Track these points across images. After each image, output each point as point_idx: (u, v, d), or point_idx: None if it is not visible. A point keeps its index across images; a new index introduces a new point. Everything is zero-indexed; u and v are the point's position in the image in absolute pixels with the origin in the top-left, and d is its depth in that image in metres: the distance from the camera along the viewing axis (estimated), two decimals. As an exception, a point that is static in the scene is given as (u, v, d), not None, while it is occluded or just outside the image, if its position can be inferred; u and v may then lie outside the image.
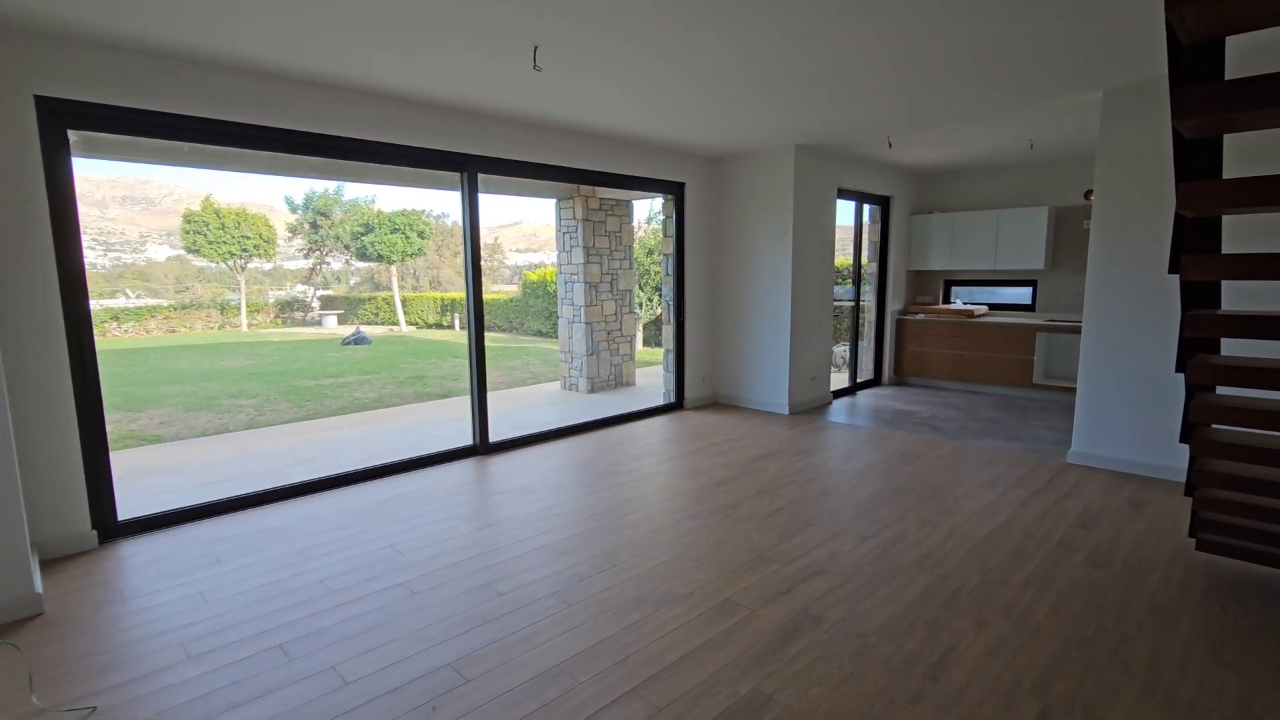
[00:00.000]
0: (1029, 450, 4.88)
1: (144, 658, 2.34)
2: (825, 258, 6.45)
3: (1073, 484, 4.10)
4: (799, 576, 2.89)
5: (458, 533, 3.43)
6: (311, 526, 3.53)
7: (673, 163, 6.07)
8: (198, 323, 20.85)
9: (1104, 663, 2.23)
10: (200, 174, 44.97)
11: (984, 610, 2.59)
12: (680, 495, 3.99)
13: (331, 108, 3.88)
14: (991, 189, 7.37)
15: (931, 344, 7.45)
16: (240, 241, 21.53)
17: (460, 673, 2.22)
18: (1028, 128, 5.22)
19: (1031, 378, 6.72)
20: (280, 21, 2.90)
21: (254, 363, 13.03)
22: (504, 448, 5.05)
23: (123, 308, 20.32)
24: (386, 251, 22.30)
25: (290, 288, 26.63)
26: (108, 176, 34.20)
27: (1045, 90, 4.06)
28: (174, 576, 2.97)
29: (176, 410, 8.27)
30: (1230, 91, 1.49)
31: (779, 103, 4.37)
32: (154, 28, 2.94)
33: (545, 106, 4.39)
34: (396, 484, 4.24)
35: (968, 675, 2.17)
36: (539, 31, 3.05)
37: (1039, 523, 3.49)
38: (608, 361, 7.90)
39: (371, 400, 8.89)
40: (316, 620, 2.57)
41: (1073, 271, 6.81)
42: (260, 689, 2.15)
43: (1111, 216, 4.21)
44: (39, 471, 3.11)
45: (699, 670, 2.21)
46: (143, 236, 31.37)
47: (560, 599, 2.72)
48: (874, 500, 3.85)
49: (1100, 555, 3.09)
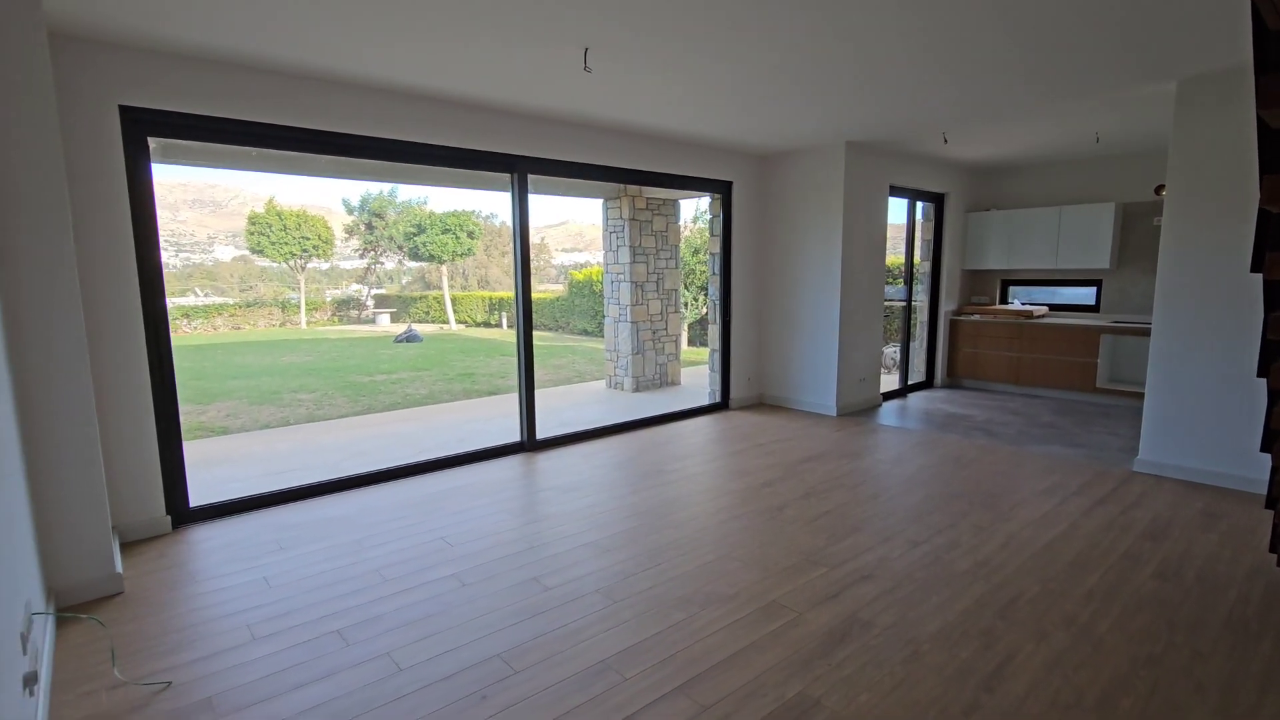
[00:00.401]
0: (1091, 457, 4.68)
1: (213, 637, 2.47)
2: (876, 257, 6.32)
3: (1139, 493, 3.92)
4: (847, 581, 2.85)
5: (506, 527, 3.50)
6: (368, 517, 3.66)
7: (720, 161, 6.04)
8: (260, 320, 21.79)
9: (1174, 681, 2.13)
10: (263, 177, 47.01)
11: (1043, 621, 2.50)
12: (725, 496, 3.97)
13: (389, 112, 4.00)
14: (1053, 185, 7.08)
15: (987, 345, 7.21)
16: (300, 242, 22.41)
17: (509, 664, 2.26)
18: (1094, 120, 5.00)
19: (1095, 381, 6.43)
20: (345, 33, 3.01)
21: (313, 359, 13.55)
22: (550, 445, 5.12)
23: (192, 305, 21.41)
24: (438, 251, 22.87)
25: (346, 287, 27.56)
26: (179, 181, 36.04)
27: (1114, 81, 3.88)
28: (241, 561, 3.12)
29: (242, 403, 8.67)
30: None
31: (829, 99, 4.30)
32: (228, 39, 3.10)
33: (594, 107, 4.43)
34: (447, 478, 4.34)
35: (1026, 688, 2.10)
36: (589, 33, 3.08)
37: (1103, 533, 3.34)
38: (653, 360, 7.92)
39: (422, 396, 9.13)
40: (373, 607, 2.66)
41: (1141, 271, 6.49)
42: (320, 671, 2.24)
43: (1185, 212, 4.00)
44: (119, 459, 3.31)
45: (745, 671, 2.20)
46: (210, 238, 32.98)
47: (605, 595, 2.74)
48: (925, 505, 3.75)
49: (1170, 569, 2.94)
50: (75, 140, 3.06)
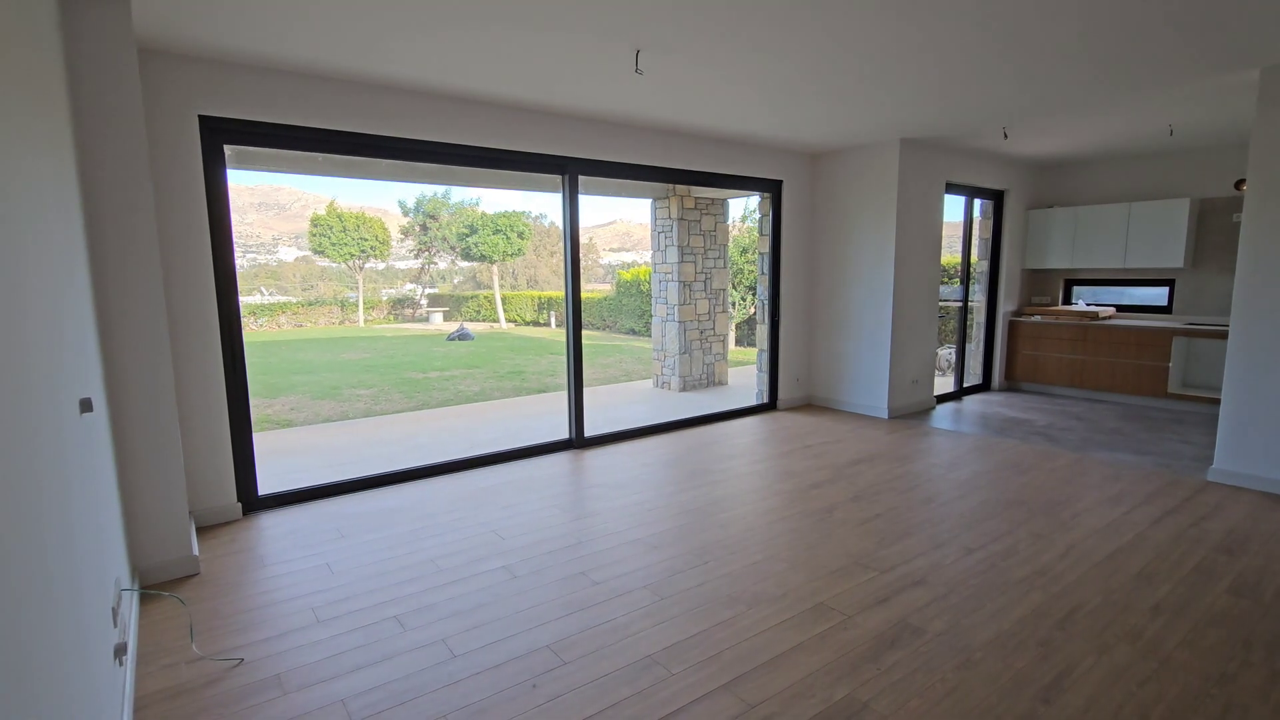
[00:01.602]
0: (1161, 465, 4.46)
1: (281, 619, 2.60)
2: (931, 256, 6.16)
3: (1214, 504, 3.72)
4: (898, 585, 2.80)
5: (555, 522, 3.57)
6: (423, 508, 3.79)
7: (771, 160, 6.00)
8: (321, 318, 22.67)
9: (1249, 702, 2.03)
10: (325, 181, 48.84)
11: (1105, 634, 2.41)
12: (773, 496, 3.95)
13: (444, 116, 4.13)
14: (1122, 180, 6.76)
15: (1048, 348, 6.94)
16: (359, 243, 23.22)
17: (558, 655, 2.32)
18: (1168, 111, 4.75)
19: (1166, 386, 6.12)
20: (407, 43, 3.13)
21: (370, 356, 14.03)
22: (598, 442, 5.18)
23: (258, 304, 22.43)
24: (489, 251, 23.34)
25: (401, 286, 28.40)
26: (246, 185, 37.80)
27: (1191, 70, 3.69)
28: (305, 547, 3.28)
29: (305, 398, 9.06)
30: None
31: (884, 95, 4.22)
32: (299, 50, 3.26)
33: (644, 108, 4.47)
34: (498, 473, 4.45)
35: (1085, 701, 2.03)
36: (640, 35, 3.12)
37: (1173, 545, 3.19)
38: (700, 360, 7.91)
39: (474, 393, 9.36)
40: (428, 596, 2.76)
41: (1219, 270, 6.14)
42: (379, 655, 2.34)
43: (1268, 208, 3.77)
44: (195, 449, 3.51)
45: (792, 672, 2.20)
46: (275, 239, 34.48)
47: (652, 591, 2.77)
48: (981, 511, 3.65)
49: (1247, 584, 2.79)
50: (159, 149, 3.27)
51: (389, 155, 4.05)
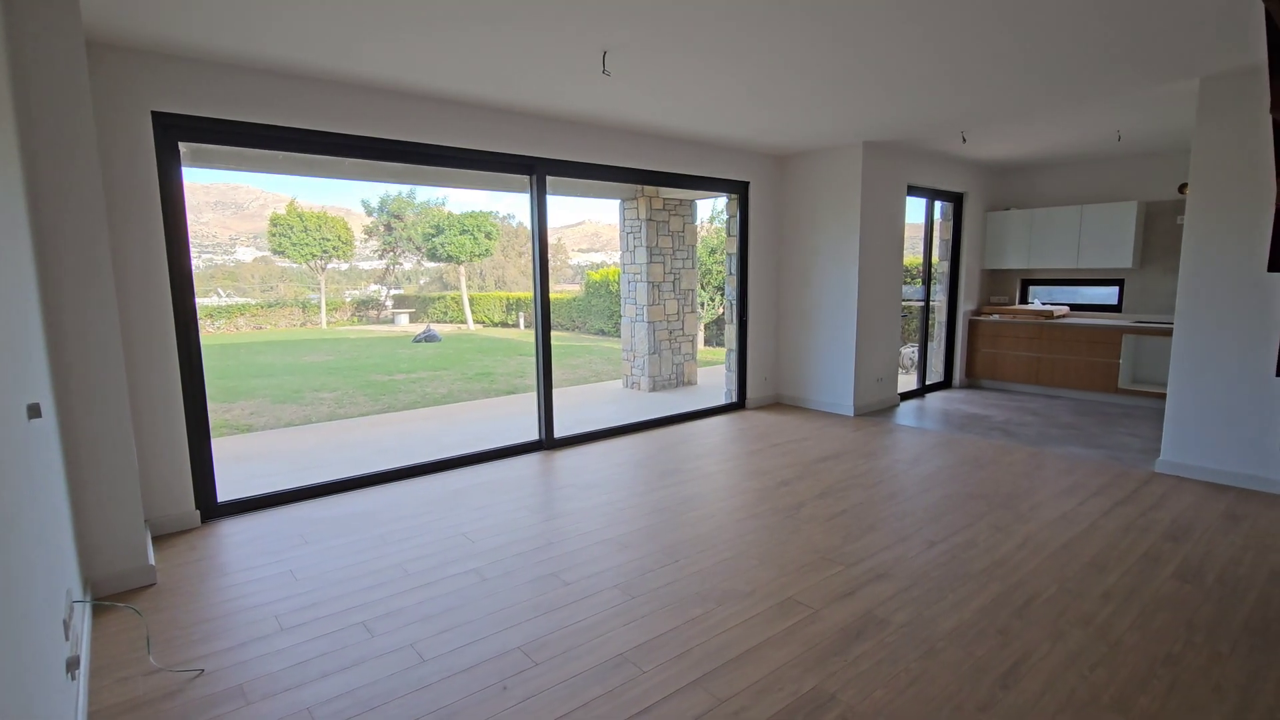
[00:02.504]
0: (1112, 458, 4.64)
1: (243, 627, 2.54)
2: (893, 256, 6.30)
3: (1161, 494, 3.88)
4: (863, 579, 2.86)
5: (525, 523, 3.55)
6: (390, 513, 3.73)
7: (738, 162, 6.06)
8: (281, 320, 22.13)
9: (1192, 681, 2.12)
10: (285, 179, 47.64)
11: (1060, 621, 2.50)
12: (742, 494, 3.99)
13: (412, 115, 4.08)
14: (1075, 183, 7.01)
15: (1007, 346, 7.15)
16: (321, 243, 22.74)
17: (529, 656, 2.31)
18: (1115, 118, 4.95)
19: (1116, 382, 6.36)
20: (368, 39, 3.08)
21: (333, 358, 13.75)
22: (568, 443, 5.17)
23: (215, 306, 21.79)
24: (455, 252, 23.08)
25: (365, 287, 27.89)
26: (202, 184, 36.70)
27: (1137, 78, 3.85)
28: (268, 554, 3.20)
29: (265, 402, 8.84)
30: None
31: (847, 100, 4.31)
32: (256, 46, 3.18)
33: (612, 109, 4.48)
34: (467, 475, 4.41)
35: (1042, 686, 2.10)
36: (608, 36, 3.13)
37: (1122, 534, 3.32)
38: (669, 360, 7.95)
39: (442, 395, 9.24)
40: (396, 600, 2.73)
41: (1164, 270, 6.41)
42: (346, 661, 2.30)
43: (1208, 212, 3.96)
44: (150, 454, 3.41)
45: (761, 666, 2.23)
46: (232, 239, 33.54)
47: (623, 591, 2.78)
48: (943, 505, 3.75)
49: (1191, 570, 2.92)
50: (111, 146, 3.16)
51: (353, 154, 3.99)
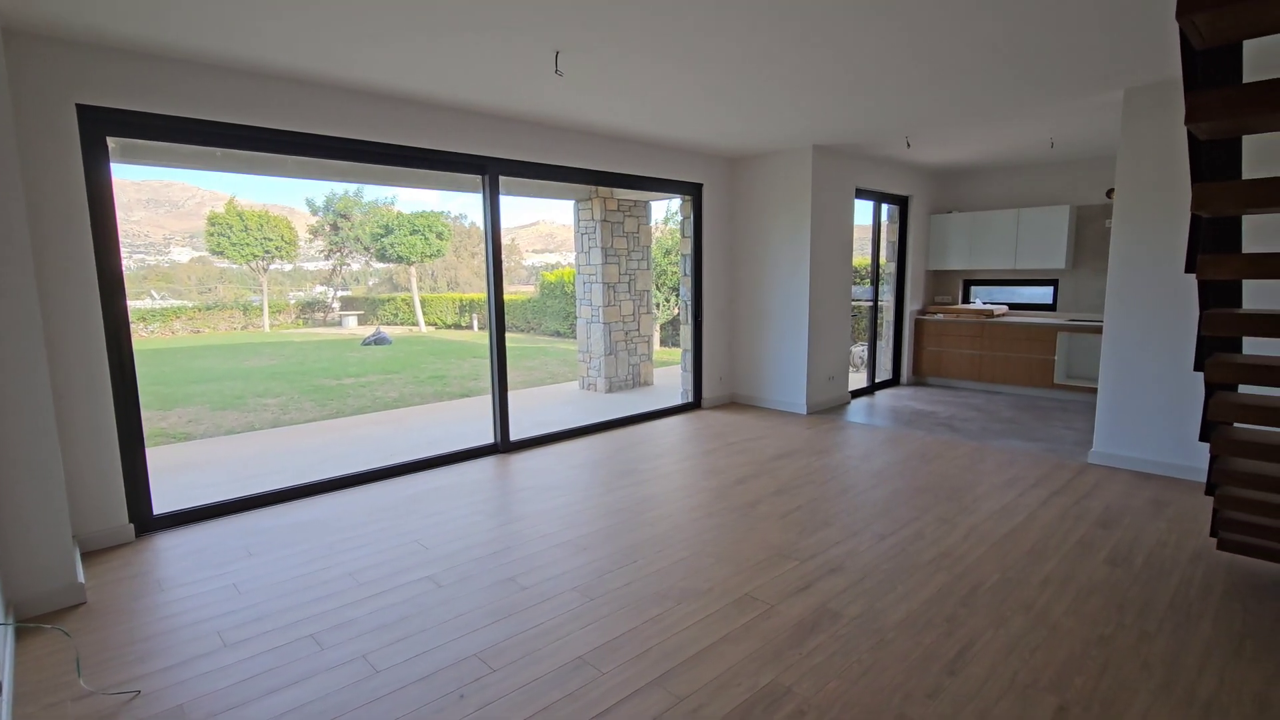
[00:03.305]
0: (1049, 450, 4.86)
1: (183, 645, 2.43)
2: (843, 258, 6.45)
3: (1093, 484, 4.09)
4: (817, 573, 2.92)
5: (481, 528, 3.50)
6: (340, 521, 3.63)
7: (691, 164, 6.11)
8: (221, 323, 21.23)
9: (1123, 660, 2.25)
10: (223, 177, 45.82)
11: (1002, 608, 2.61)
12: (699, 493, 4.03)
13: (358, 112, 3.97)
14: (1011, 188, 7.32)
15: (950, 344, 7.42)
16: (263, 243, 21.90)
17: (487, 663, 2.28)
18: (1048, 126, 5.19)
19: (1052, 378, 6.67)
20: (310, 32, 2.99)
21: (277, 362, 13.27)
22: (524, 446, 5.12)
23: (148, 309, 20.76)
24: (406, 253, 22.56)
25: (310, 289, 27.01)
26: (132, 180, 34.91)
27: (1066, 89, 4.05)
28: (209, 568, 3.07)
29: (204, 409, 8.47)
30: (1240, 96, 1.50)
31: (797, 104, 4.40)
32: (187, 36, 3.05)
33: (566, 110, 4.46)
34: (420, 481, 4.32)
35: (986, 671, 2.19)
36: (560, 36, 3.11)
37: (1059, 522, 3.49)
38: (625, 361, 7.96)
39: (393, 400, 9.03)
40: (347, 611, 2.65)
41: (1094, 271, 6.75)
42: (294, 676, 2.22)
43: (1133, 216, 4.19)
44: (79, 467, 3.22)
45: (719, 663, 2.26)
46: (166, 239, 32.00)
47: (582, 593, 2.77)
48: (892, 499, 3.86)
49: (1121, 555, 3.09)
50: (31, 140, 2.98)
51: (297, 152, 3.86)
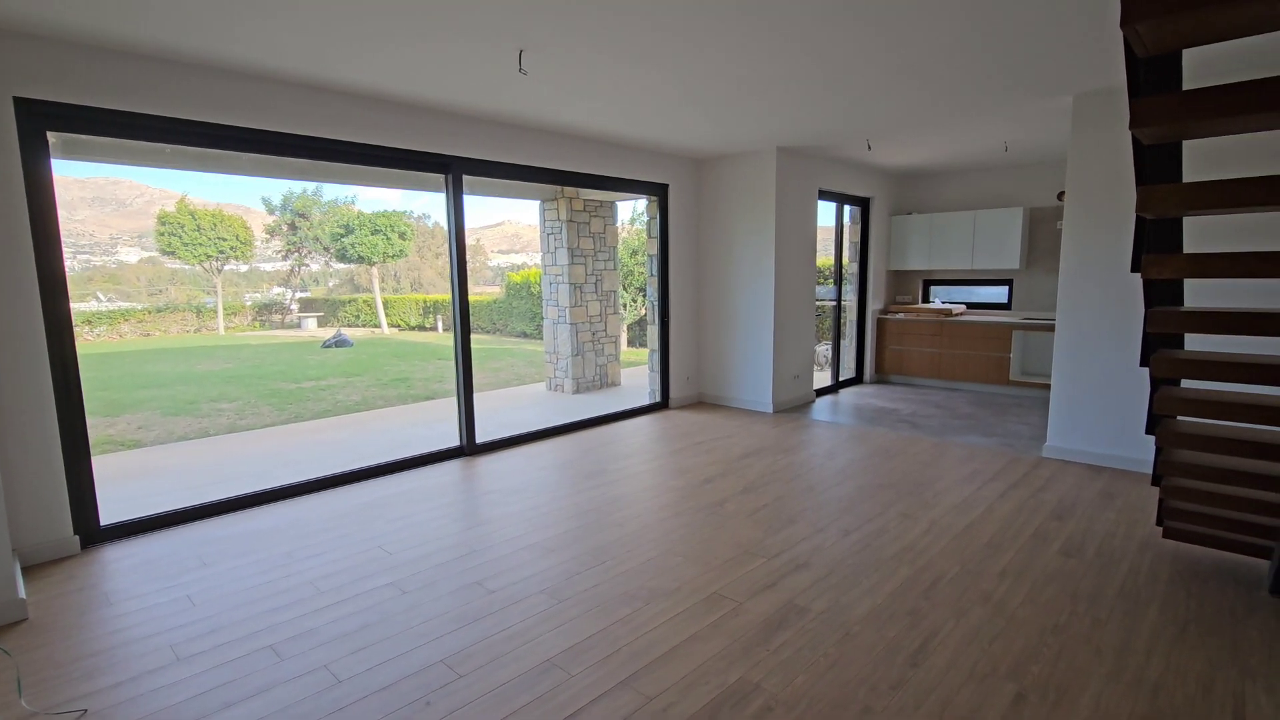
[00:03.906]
0: (1006, 445, 5.00)
1: (133, 660, 2.34)
2: (807, 258, 6.55)
3: (1048, 477, 4.22)
4: (784, 570, 2.96)
5: (446, 532, 3.45)
6: (299, 528, 3.53)
7: (657, 164, 6.13)
8: (173, 326, 20.50)
9: (1076, 647, 2.32)
10: (174, 175, 44.30)
11: (962, 600, 2.67)
12: (667, 493, 4.04)
13: (315, 109, 3.88)
14: (968, 190, 7.52)
15: (911, 342, 7.59)
16: (216, 243, 21.21)
17: (453, 668, 2.24)
18: (1002, 130, 5.35)
19: (1008, 375, 6.87)
20: (265, 25, 2.90)
21: (233, 366, 12.87)
22: (491, 448, 5.07)
23: (94, 311, 19.92)
24: (367, 253, 22.11)
25: (268, 290, 26.27)
26: (76, 178, 33.49)
27: (1017, 94, 4.18)
28: (160, 580, 2.96)
29: (155, 415, 8.16)
30: (1181, 102, 1.58)
31: (760, 106, 4.44)
32: (134, 29, 2.93)
33: (530, 109, 4.42)
34: (383, 485, 4.24)
35: (947, 661, 2.24)
36: (524, 35, 3.09)
37: (1015, 515, 3.59)
38: (593, 362, 7.94)
39: (355, 403, 8.84)
40: (307, 620, 2.58)
41: (1047, 271, 6.97)
42: (252, 689, 2.16)
43: (1082, 217, 4.34)
44: (18, 476, 3.07)
45: (687, 661, 2.26)
46: (114, 239, 30.77)
47: (550, 595, 2.75)
48: (856, 496, 3.93)
49: (1074, 545, 3.19)
50: (-37, 133, 2.83)
51: (252, 149, 3.75)
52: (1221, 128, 1.66)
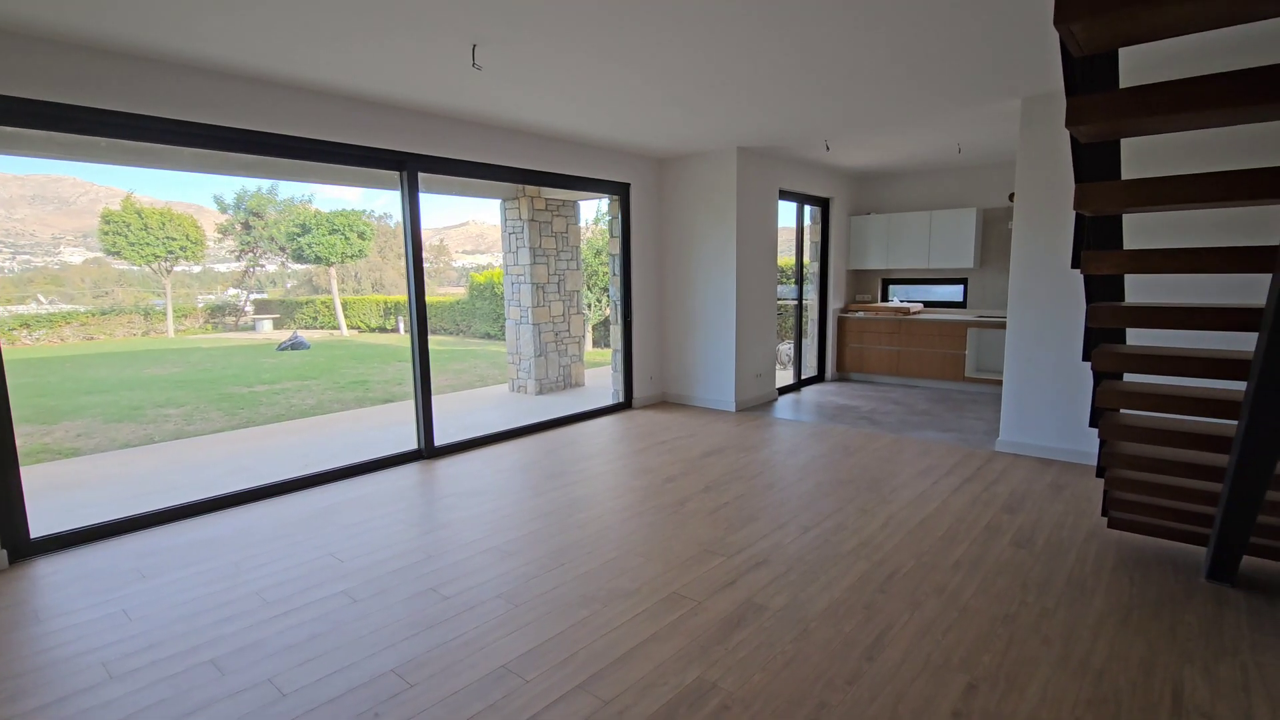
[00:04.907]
0: (961, 440, 5.11)
1: (62, 680, 2.21)
2: (768, 258, 6.59)
3: (1000, 471, 4.32)
4: (744, 568, 2.96)
5: (401, 538, 3.36)
6: (246, 537, 3.40)
7: (618, 163, 6.10)
8: (118, 329, 19.69)
9: (1025, 636, 2.37)
10: (120, 172, 42.61)
11: (917, 592, 2.71)
12: (629, 493, 4.01)
13: (263, 103, 3.74)
14: (924, 191, 7.68)
15: (871, 341, 7.71)
16: (165, 243, 20.44)
17: (404, 678, 2.18)
18: (955, 133, 5.47)
19: (964, 372, 7.03)
20: (207, 12, 2.79)
21: (182, 370, 12.41)
22: (450, 451, 4.97)
23: (33, 314, 19.01)
24: (325, 253, 21.57)
25: (222, 291, 25.45)
26: (14, 174, 31.97)
27: (967, 97, 4.27)
28: (94, 594, 2.82)
29: (95, 421, 7.81)
30: (1114, 101, 1.62)
31: (718, 106, 4.45)
32: (63, 15, 2.78)
33: (487, 105, 4.35)
34: (337, 491, 4.12)
35: (901, 654, 2.26)
36: (476, 28, 3.03)
37: (969, 508, 3.66)
38: (556, 363, 7.87)
39: (310, 407, 8.60)
40: (252, 633, 2.48)
41: (999, 270, 7.16)
42: (190, 706, 2.06)
43: (1031, 217, 4.46)
44: (-61, 488, 2.89)
45: (645, 663, 2.24)
46: (55, 238, 29.45)
47: (507, 600, 2.70)
48: (816, 492, 3.96)
49: (1024, 537, 3.27)
50: None
51: (195, 144, 3.60)
52: (1155, 126, 1.71)
